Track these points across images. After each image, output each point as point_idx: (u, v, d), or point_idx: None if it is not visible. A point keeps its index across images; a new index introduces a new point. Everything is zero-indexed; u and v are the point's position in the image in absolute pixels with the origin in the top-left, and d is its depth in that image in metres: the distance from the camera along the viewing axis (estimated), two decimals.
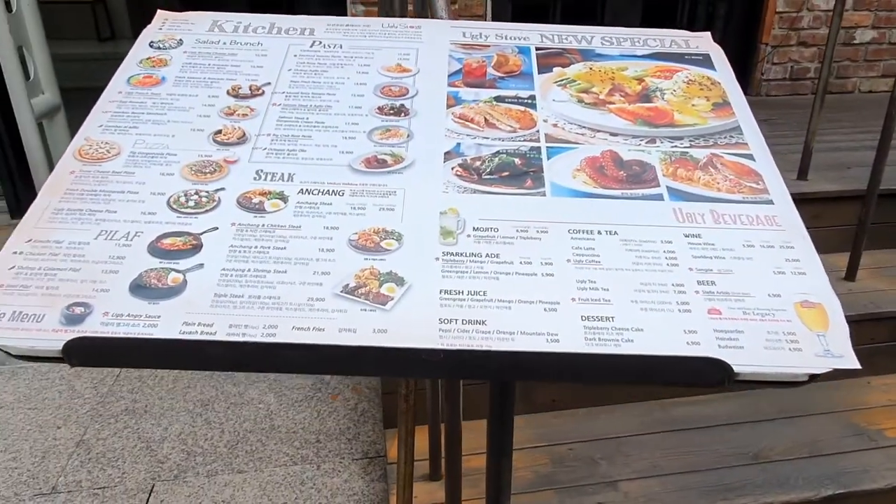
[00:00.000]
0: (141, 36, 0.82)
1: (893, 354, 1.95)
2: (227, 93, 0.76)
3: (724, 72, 0.82)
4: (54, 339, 0.52)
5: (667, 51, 0.85)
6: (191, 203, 0.64)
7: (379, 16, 2.22)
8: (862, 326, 1.85)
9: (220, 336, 0.53)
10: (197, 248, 0.60)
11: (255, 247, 0.60)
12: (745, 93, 2.81)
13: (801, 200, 2.26)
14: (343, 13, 2.75)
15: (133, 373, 2.01)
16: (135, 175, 0.66)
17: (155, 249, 0.59)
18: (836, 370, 0.55)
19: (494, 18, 3.31)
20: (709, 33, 0.87)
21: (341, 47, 0.83)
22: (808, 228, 0.65)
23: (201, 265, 0.58)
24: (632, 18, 3.55)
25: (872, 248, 2.05)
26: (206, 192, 0.65)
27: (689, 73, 0.82)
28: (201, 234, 0.61)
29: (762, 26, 3.58)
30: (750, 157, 0.72)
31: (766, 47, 3.62)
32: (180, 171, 0.67)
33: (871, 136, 2.80)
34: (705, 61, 0.84)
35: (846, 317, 0.56)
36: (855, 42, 3.70)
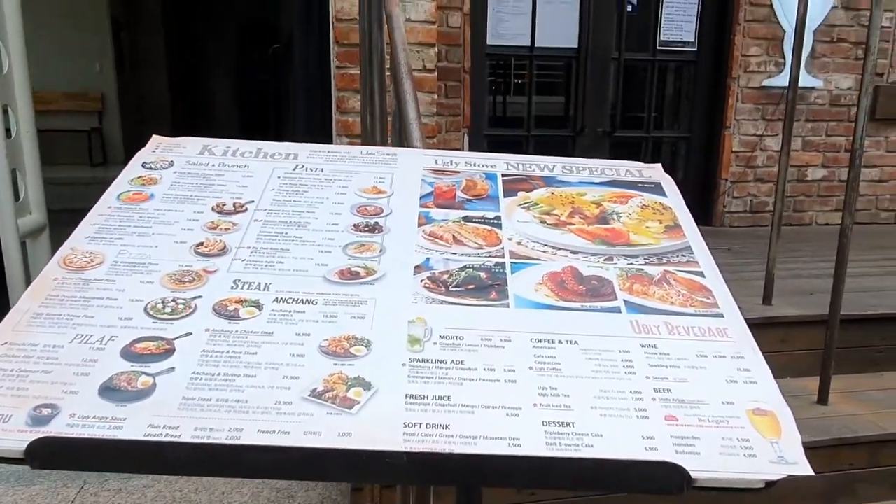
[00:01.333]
0: (135, 157, 0.88)
1: (874, 481, 1.92)
2: (212, 209, 0.81)
3: (674, 198, 0.89)
4: (18, 439, 0.52)
5: (622, 179, 0.93)
6: (167, 310, 0.66)
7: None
8: (840, 452, 1.84)
9: (185, 438, 0.53)
10: (170, 352, 0.61)
11: (227, 352, 0.62)
12: (709, 224, 2.98)
13: (767, 324, 2.29)
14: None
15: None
16: (115, 283, 0.69)
17: (128, 353, 0.61)
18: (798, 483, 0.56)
19: None
20: (660, 164, 0.96)
21: (322, 171, 0.89)
22: (775, 352, 0.69)
23: (172, 369, 0.60)
24: (600, 157, 3.79)
25: (842, 372, 2.08)
26: (184, 299, 0.67)
27: (643, 198, 0.89)
28: (175, 339, 0.63)
29: (721, 163, 3.85)
30: (700, 274, 0.77)
31: (726, 182, 3.86)
32: (160, 280, 0.69)
33: (829, 265, 2.93)
34: (657, 189, 0.91)
35: (822, 441, 0.58)
36: (808, 179, 3.97)
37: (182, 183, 0.84)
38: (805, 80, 3.80)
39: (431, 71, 2.67)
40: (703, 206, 3.95)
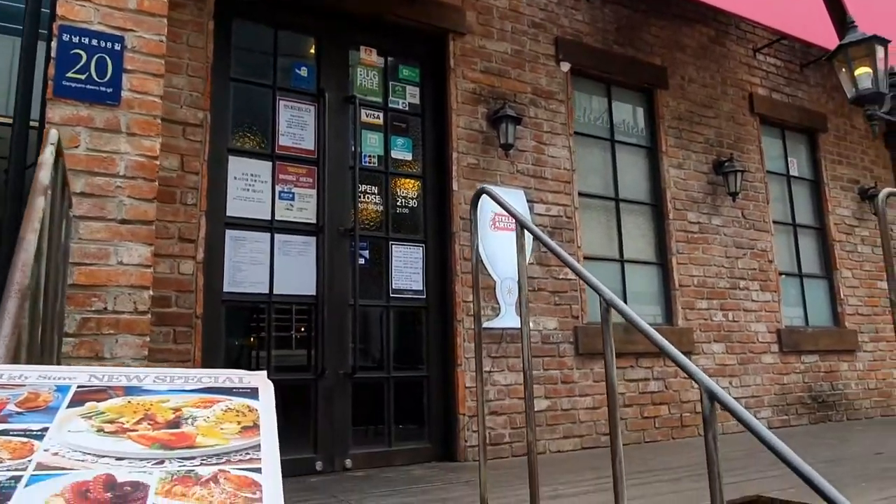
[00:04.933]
0: None
1: None
2: None
3: (266, 401, 0.89)
4: None
5: (218, 385, 0.92)
6: None
7: None
8: None
9: None
10: None
11: None
12: (454, 460, 3.03)
13: None
14: None
15: None
16: None
17: None
18: None
19: None
20: (265, 372, 0.97)
21: None
22: None
23: None
24: (343, 400, 3.80)
25: None
26: None
27: (231, 402, 0.88)
28: None
29: (457, 399, 4.07)
30: (258, 470, 0.74)
31: (464, 417, 4.05)
32: None
33: (550, 489, 3.08)
34: (252, 393, 0.91)
35: None
36: (535, 410, 4.32)
37: None
38: (518, 321, 4.38)
39: (144, 313, 2.57)
40: (446, 442, 4.06)
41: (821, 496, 1.22)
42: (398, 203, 4.28)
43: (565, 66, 4.93)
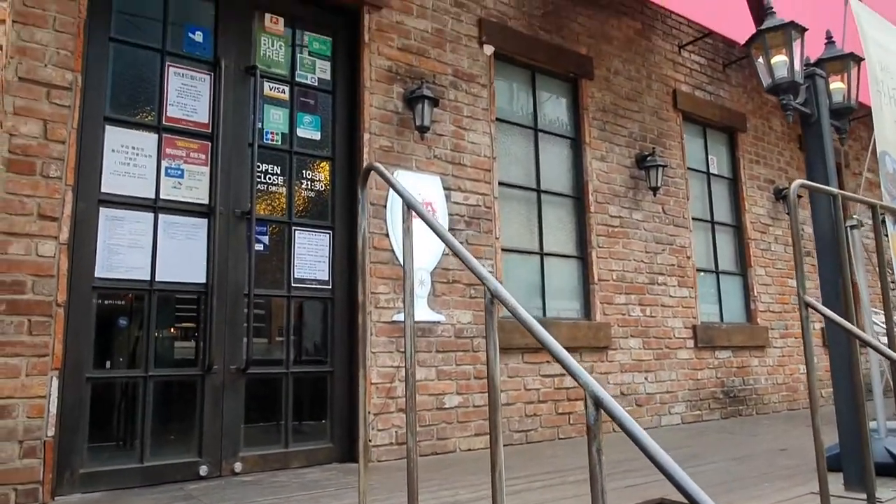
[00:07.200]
0: None
1: None
2: None
3: None
4: None
5: None
6: None
7: None
8: None
9: None
10: None
11: None
12: (356, 461, 2.66)
13: None
14: None
15: None
16: None
17: None
18: None
19: None
20: None
21: None
22: None
23: None
24: (235, 397, 3.47)
25: None
26: None
27: None
28: None
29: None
30: None
31: (370, 415, 3.80)
32: None
33: (450, 492, 2.88)
34: None
35: None
36: (446, 407, 4.12)
37: None
38: (430, 315, 4.16)
39: None
40: (350, 442, 3.80)
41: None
42: (304, 185, 3.97)
43: (489, 49, 4.73)
